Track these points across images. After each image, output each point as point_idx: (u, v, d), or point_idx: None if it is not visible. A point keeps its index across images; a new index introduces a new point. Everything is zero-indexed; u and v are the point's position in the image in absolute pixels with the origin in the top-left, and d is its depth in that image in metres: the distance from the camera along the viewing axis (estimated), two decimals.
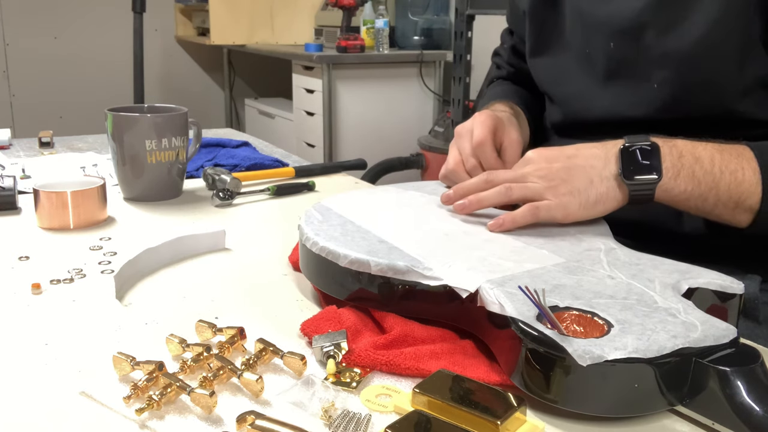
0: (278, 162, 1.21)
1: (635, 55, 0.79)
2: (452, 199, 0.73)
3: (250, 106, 4.11)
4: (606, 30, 0.81)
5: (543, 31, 0.92)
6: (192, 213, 0.96)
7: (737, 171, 0.67)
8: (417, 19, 3.38)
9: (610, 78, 0.82)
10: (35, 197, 0.86)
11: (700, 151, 0.68)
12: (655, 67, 0.77)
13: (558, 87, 0.92)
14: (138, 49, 2.80)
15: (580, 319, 0.51)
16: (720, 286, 0.58)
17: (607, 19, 0.81)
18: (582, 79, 0.86)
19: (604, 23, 0.82)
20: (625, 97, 0.81)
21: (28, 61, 3.88)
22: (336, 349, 0.54)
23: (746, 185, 0.67)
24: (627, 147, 0.68)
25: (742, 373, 0.46)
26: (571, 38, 0.88)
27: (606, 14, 0.81)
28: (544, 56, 0.93)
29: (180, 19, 4.28)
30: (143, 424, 0.47)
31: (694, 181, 0.67)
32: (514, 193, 0.69)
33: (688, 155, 0.68)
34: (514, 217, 0.68)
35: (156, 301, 0.68)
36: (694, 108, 0.75)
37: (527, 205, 0.68)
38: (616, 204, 0.68)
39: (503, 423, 0.44)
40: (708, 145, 0.68)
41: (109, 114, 0.97)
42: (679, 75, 0.75)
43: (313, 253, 0.64)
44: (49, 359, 0.55)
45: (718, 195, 0.67)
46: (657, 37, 0.76)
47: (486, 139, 0.81)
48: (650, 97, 0.78)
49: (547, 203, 0.68)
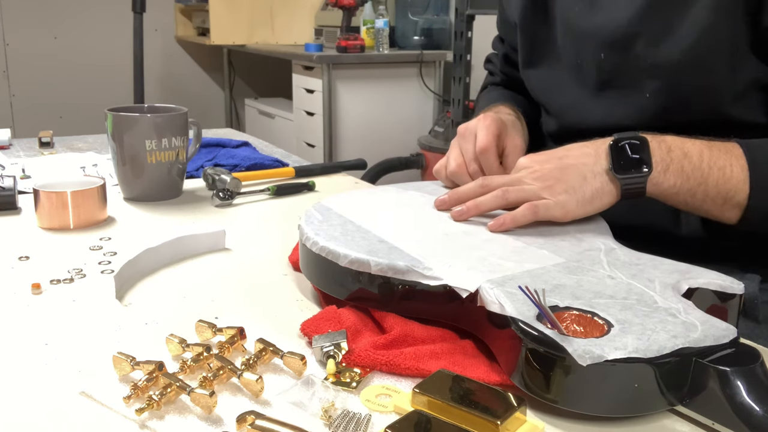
0: (278, 162, 1.21)
1: (626, 66, 0.79)
2: (447, 203, 0.73)
3: (250, 106, 4.11)
4: (596, 41, 0.81)
5: (535, 44, 0.92)
6: (192, 213, 0.96)
7: (725, 167, 0.67)
8: (417, 19, 3.38)
9: (603, 88, 0.82)
10: (35, 197, 0.86)
11: (689, 147, 0.68)
12: (646, 76, 0.77)
13: (552, 98, 0.92)
14: (138, 49, 2.80)
15: (580, 319, 0.51)
16: (720, 286, 0.58)
17: (596, 30, 0.81)
18: (575, 90, 0.86)
19: (593, 35, 0.82)
20: (618, 106, 0.81)
21: (28, 61, 3.88)
22: (336, 349, 0.54)
23: (734, 182, 0.67)
24: (616, 142, 0.68)
25: (742, 373, 0.46)
26: (563, 49, 0.88)
27: (594, 26, 0.81)
28: (538, 68, 0.93)
29: (180, 19, 4.28)
30: (143, 424, 0.47)
31: (683, 176, 0.67)
32: (511, 196, 0.69)
33: (677, 150, 0.68)
34: (514, 216, 0.68)
35: (156, 301, 0.68)
36: (687, 115, 0.75)
37: (526, 204, 0.68)
38: (612, 198, 0.69)
39: (503, 423, 0.44)
40: (697, 141, 0.69)
41: (109, 114, 0.97)
42: (671, 84, 0.75)
43: (313, 253, 0.64)
44: (49, 359, 0.55)
45: (707, 190, 0.68)
46: (647, 47, 0.76)
47: (490, 145, 0.81)
48: (643, 106, 0.78)
49: (545, 202, 0.68)
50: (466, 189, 0.73)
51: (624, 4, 0.78)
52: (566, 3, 0.87)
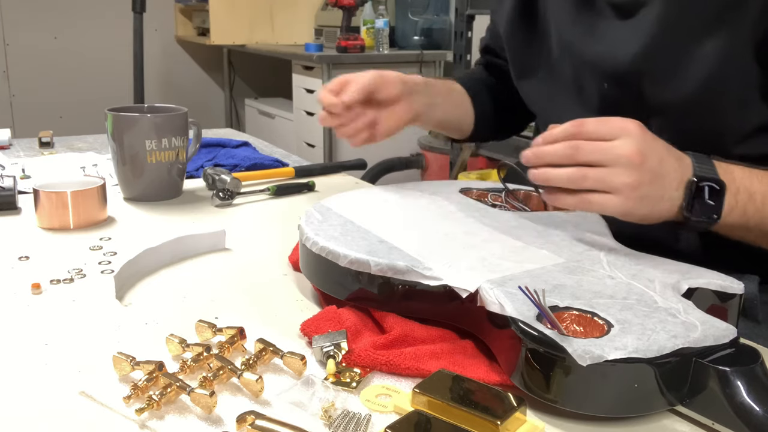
0: (278, 162, 1.21)
1: (630, 100, 0.76)
2: (531, 161, 0.65)
3: (250, 106, 4.11)
4: (598, 70, 0.79)
5: (525, 54, 0.90)
6: (192, 213, 0.96)
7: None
8: (417, 19, 3.38)
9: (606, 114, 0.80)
10: (35, 197, 0.86)
11: (756, 187, 0.66)
12: (651, 113, 0.74)
13: (551, 113, 0.90)
14: (138, 49, 2.80)
15: (580, 319, 0.51)
16: (720, 286, 0.58)
17: (598, 59, 0.79)
18: (576, 110, 0.83)
19: (596, 63, 0.79)
20: None
21: (28, 61, 3.88)
22: (336, 349, 0.54)
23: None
24: (698, 180, 0.64)
25: (742, 373, 0.46)
26: (560, 67, 0.86)
27: (597, 55, 0.79)
28: (532, 79, 0.91)
29: (180, 19, 4.28)
30: (143, 424, 0.47)
31: (744, 217, 0.66)
32: (587, 184, 0.62)
33: (744, 192, 0.66)
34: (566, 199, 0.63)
35: (156, 301, 0.68)
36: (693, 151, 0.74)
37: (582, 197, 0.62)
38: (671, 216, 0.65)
39: (503, 423, 0.44)
40: (764, 179, 0.66)
41: (109, 114, 0.97)
42: (677, 122, 0.73)
43: (313, 253, 0.64)
44: (49, 359, 0.55)
45: (763, 230, 0.66)
46: (652, 86, 0.74)
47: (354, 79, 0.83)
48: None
49: (607, 199, 0.62)
50: (553, 150, 0.64)
51: (627, 38, 0.75)
52: (562, 19, 0.84)
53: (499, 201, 0.80)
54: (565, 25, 0.84)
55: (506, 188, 0.81)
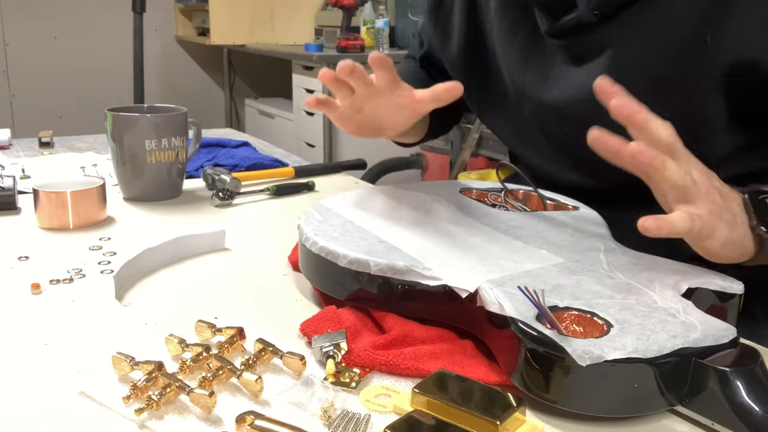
0: (278, 162, 1.21)
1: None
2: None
3: (250, 106, 4.11)
4: (556, 115, 0.77)
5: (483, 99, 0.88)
6: (192, 213, 0.96)
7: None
8: (417, 19, 3.38)
9: (574, 158, 0.78)
10: (35, 197, 0.86)
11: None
12: None
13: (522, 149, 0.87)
14: (138, 49, 2.80)
15: (579, 319, 0.51)
16: (720, 286, 0.58)
17: (554, 104, 0.76)
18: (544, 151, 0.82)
19: (552, 108, 0.77)
20: (593, 175, 0.77)
21: (28, 61, 3.88)
22: (335, 349, 0.54)
23: None
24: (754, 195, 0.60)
25: (742, 373, 0.46)
26: (520, 109, 0.83)
27: (552, 100, 0.76)
28: (494, 117, 0.89)
29: (180, 19, 4.28)
30: (142, 424, 0.47)
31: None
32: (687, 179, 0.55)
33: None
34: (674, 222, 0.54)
35: (155, 301, 0.68)
36: None
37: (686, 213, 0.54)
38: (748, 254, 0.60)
39: (503, 423, 0.44)
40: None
41: (108, 114, 0.97)
42: None
43: (312, 253, 0.64)
44: (49, 359, 0.55)
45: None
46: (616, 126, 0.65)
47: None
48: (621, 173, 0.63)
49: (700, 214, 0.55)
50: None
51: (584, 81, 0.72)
52: (511, 63, 0.81)
53: (499, 201, 0.80)
54: (517, 70, 0.81)
55: (506, 188, 0.81)
